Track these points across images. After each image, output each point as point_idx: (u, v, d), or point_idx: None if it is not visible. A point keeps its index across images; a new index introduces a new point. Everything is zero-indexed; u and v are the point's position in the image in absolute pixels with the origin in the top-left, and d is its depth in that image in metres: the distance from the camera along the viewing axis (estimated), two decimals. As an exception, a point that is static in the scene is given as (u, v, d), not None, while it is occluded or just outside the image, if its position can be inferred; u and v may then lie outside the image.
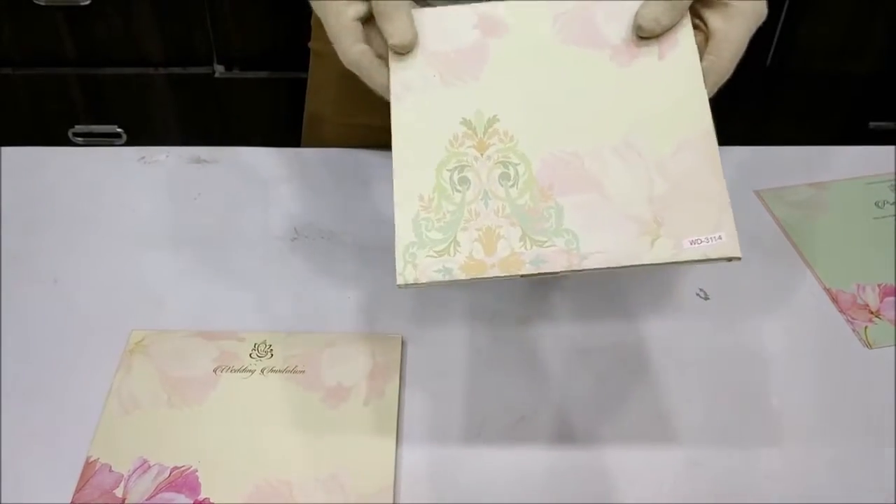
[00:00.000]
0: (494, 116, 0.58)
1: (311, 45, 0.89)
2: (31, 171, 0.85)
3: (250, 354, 0.69)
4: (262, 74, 1.64)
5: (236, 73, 1.65)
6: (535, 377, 0.69)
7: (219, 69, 1.64)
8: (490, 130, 0.58)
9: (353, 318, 0.73)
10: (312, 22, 0.87)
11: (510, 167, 0.57)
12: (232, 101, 1.68)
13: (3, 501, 0.60)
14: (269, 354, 0.69)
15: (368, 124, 0.88)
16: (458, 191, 0.57)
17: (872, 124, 1.73)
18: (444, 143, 0.58)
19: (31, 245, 0.78)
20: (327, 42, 0.86)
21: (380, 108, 0.87)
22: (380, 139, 0.88)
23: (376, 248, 0.78)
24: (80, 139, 1.71)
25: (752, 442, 0.65)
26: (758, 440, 0.65)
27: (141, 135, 1.71)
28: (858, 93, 1.69)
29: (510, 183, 0.57)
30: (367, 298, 0.74)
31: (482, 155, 0.57)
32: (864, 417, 0.67)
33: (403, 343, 0.70)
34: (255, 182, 0.85)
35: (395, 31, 0.60)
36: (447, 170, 0.57)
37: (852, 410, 0.67)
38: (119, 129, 1.71)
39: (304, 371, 0.68)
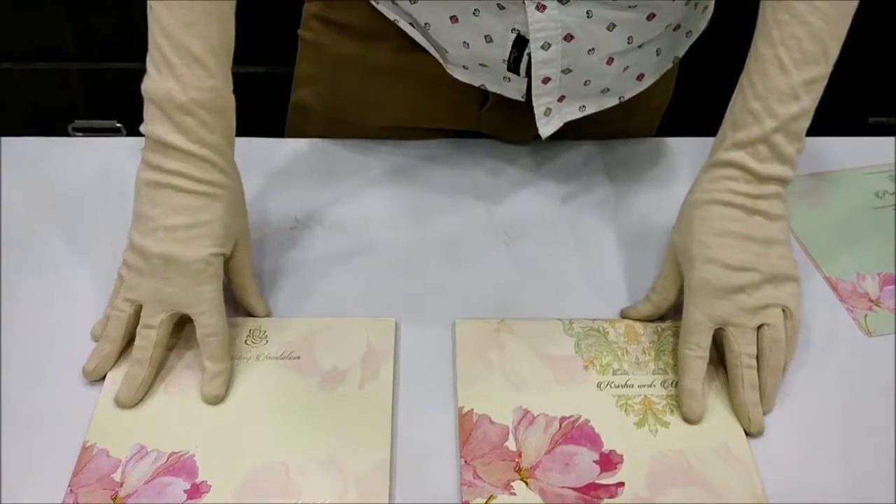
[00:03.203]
0: None
1: (301, 33, 0.88)
2: (33, 160, 0.85)
3: (245, 341, 0.69)
4: (260, 69, 1.64)
5: (233, 69, 1.64)
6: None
7: (217, 64, 1.63)
8: None
9: (347, 304, 0.73)
10: (304, 10, 0.87)
11: None
12: (231, 96, 1.67)
13: (1, 482, 0.60)
14: (265, 341, 0.69)
15: (360, 124, 0.88)
16: None
17: (872, 120, 1.72)
18: None
19: (33, 233, 0.78)
20: (319, 33, 0.86)
21: (374, 110, 0.88)
22: (369, 137, 0.88)
23: (372, 234, 0.79)
24: (79, 134, 1.71)
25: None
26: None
27: (140, 130, 1.71)
28: (858, 88, 1.69)
29: None
30: (361, 284, 0.75)
31: None
32: (864, 405, 0.67)
33: (397, 326, 0.71)
34: (255, 171, 0.84)
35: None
36: None
37: (852, 398, 0.67)
38: (119, 125, 1.71)
39: (299, 357, 0.68)
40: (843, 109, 1.72)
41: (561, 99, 0.76)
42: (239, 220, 0.68)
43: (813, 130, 0.67)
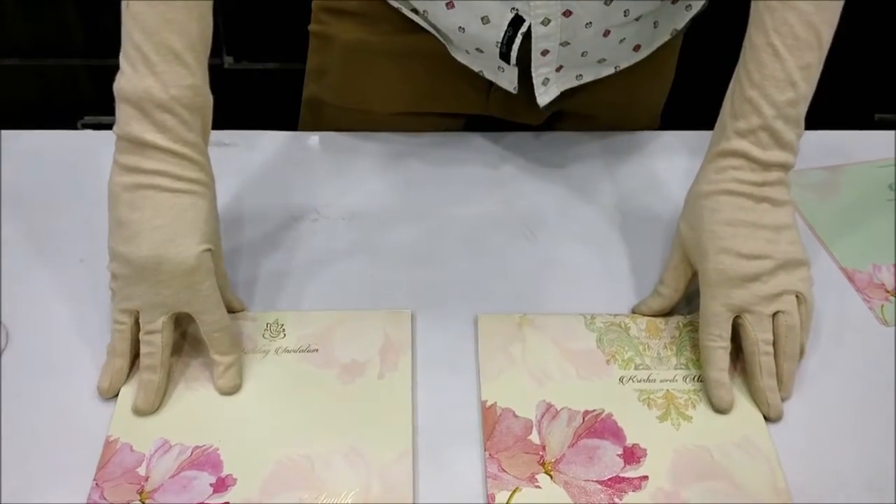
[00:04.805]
0: None
1: (311, 27, 0.89)
2: (52, 153, 0.85)
3: (263, 335, 0.69)
4: (272, 65, 1.64)
5: (245, 65, 1.65)
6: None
7: (228, 60, 1.64)
8: None
9: (365, 296, 0.73)
10: (314, 5, 0.87)
11: None
12: (241, 93, 1.67)
13: (25, 479, 0.60)
14: (283, 334, 0.70)
15: (370, 111, 0.89)
16: None
17: (878, 116, 1.73)
18: None
19: (57, 226, 0.78)
20: (330, 25, 0.87)
21: (383, 96, 0.88)
22: (381, 126, 0.89)
23: (386, 227, 0.79)
24: (89, 130, 1.71)
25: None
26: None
27: (150, 126, 1.71)
28: (864, 85, 1.69)
29: None
30: (378, 277, 0.75)
31: None
32: (881, 394, 0.67)
33: (413, 317, 0.71)
34: (276, 165, 0.85)
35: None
36: None
37: (869, 388, 0.68)
38: (128, 121, 1.71)
39: (317, 350, 0.68)
40: (850, 106, 1.72)
41: (559, 69, 0.78)
42: (217, 218, 0.67)
43: (819, 126, 0.67)
